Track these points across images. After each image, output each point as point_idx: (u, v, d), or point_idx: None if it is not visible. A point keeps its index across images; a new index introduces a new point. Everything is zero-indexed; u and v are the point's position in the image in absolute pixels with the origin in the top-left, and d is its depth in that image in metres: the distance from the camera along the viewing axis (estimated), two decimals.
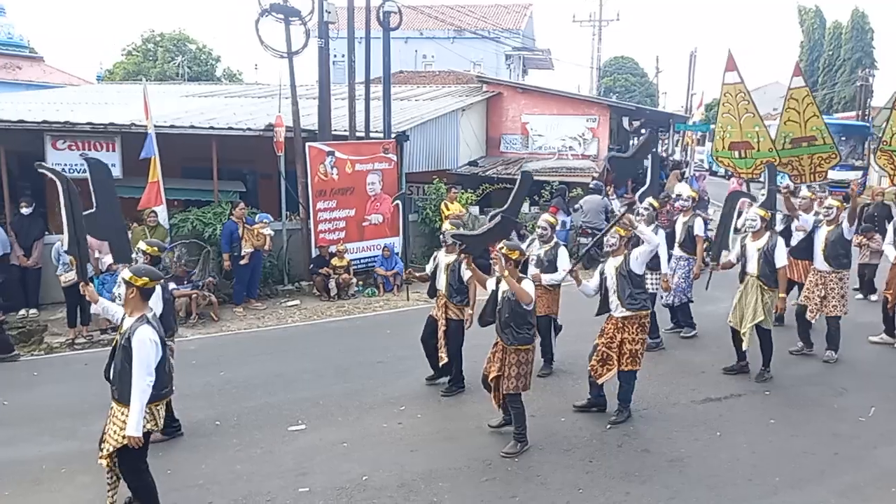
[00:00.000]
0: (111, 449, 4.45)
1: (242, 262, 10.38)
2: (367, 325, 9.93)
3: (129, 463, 4.51)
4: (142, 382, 4.34)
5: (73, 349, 8.86)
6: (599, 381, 6.16)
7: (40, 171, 5.48)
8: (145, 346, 4.36)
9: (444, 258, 6.88)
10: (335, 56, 13.28)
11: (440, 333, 6.82)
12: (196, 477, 5.34)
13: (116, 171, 10.19)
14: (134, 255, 5.97)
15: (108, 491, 4.64)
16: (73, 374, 7.93)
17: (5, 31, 33.67)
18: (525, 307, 5.53)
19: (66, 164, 9.58)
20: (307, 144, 11.49)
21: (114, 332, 5.79)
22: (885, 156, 9.34)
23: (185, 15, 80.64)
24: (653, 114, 24.05)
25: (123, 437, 4.36)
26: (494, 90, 18.38)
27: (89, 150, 9.93)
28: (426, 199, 13.71)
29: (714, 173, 25.01)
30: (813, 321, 7.92)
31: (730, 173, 12.23)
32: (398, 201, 8.69)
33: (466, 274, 6.58)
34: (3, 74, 30.61)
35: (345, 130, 12.49)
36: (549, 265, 7.11)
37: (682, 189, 9.14)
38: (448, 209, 12.88)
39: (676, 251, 8.40)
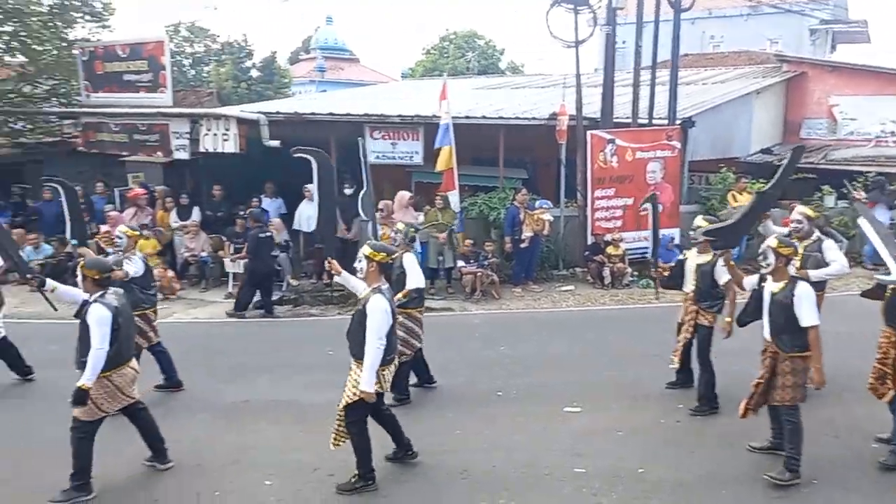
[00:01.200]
0: (345, 402, 4.94)
1: (522, 245, 10.93)
2: (641, 316, 9.76)
3: (353, 416, 4.96)
4: (372, 346, 4.77)
5: None
6: (883, 401, 5.31)
7: (296, 155, 6.34)
8: (377, 314, 4.78)
9: (694, 258, 6.31)
10: (617, 42, 13.17)
11: (683, 337, 6.42)
12: (481, 441, 5.81)
13: (419, 159, 11.47)
14: (393, 235, 6.82)
15: (334, 433, 5.07)
16: None
17: (332, 38, 39.78)
18: None
19: (379, 152, 11.10)
20: (588, 132, 11.59)
21: None
22: None
23: (475, 13, 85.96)
24: None
25: (355, 392, 4.85)
26: (796, 69, 16.43)
27: (398, 139, 11.33)
28: (710, 189, 12.89)
29: None
30: None
31: None
32: (648, 204, 8.20)
33: (724, 277, 5.96)
34: (329, 75, 36.31)
35: (627, 117, 12.30)
36: (816, 263, 6.22)
37: None
38: (736, 200, 11.95)
39: None
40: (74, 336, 4.96)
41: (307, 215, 11.14)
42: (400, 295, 6.20)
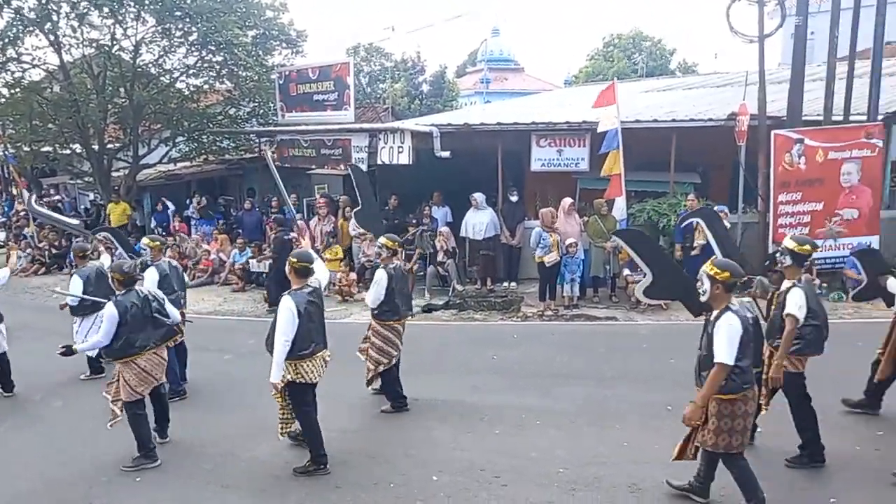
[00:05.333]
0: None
1: (693, 253, 10.40)
2: (831, 332, 8.84)
3: (290, 400, 5.67)
4: (277, 342, 5.32)
5: (542, 320, 10.26)
6: None
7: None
8: (281, 313, 5.31)
9: (784, 283, 5.42)
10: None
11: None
12: (650, 455, 5.61)
13: (584, 165, 11.37)
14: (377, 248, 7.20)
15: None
16: (543, 341, 9.22)
17: (499, 49, 40.66)
18: None
19: (545, 159, 11.19)
20: (773, 132, 10.76)
21: None
22: None
23: (643, 14, 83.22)
24: None
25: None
26: None
27: (564, 146, 11.32)
28: None
29: None
30: None
31: None
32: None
33: (788, 308, 5.16)
34: (494, 85, 37.17)
35: (818, 115, 11.23)
36: None
37: None
38: None
39: None
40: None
41: (473, 223, 11.48)
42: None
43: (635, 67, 36.30)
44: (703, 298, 4.68)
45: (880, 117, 10.93)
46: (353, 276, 12.16)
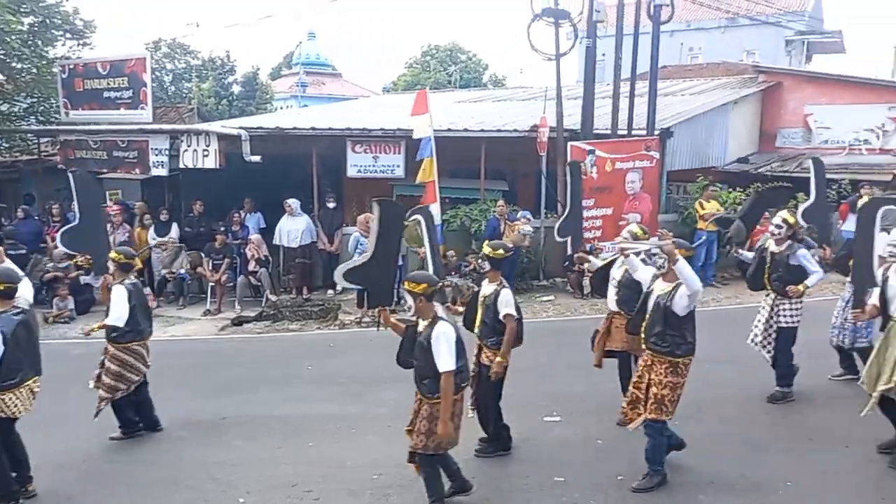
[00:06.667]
0: None
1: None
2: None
3: None
4: None
5: (360, 326, 10.18)
6: (630, 428, 5.23)
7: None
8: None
9: (484, 287, 5.64)
10: (597, 55, 13.44)
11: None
12: (466, 450, 5.77)
13: (400, 172, 11.50)
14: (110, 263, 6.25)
15: None
16: (360, 347, 9.14)
17: (314, 53, 39.99)
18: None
19: (361, 166, 11.10)
20: (568, 144, 11.68)
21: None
22: None
23: (459, 27, 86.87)
24: None
25: None
26: (772, 80, 16.70)
27: (380, 153, 11.34)
28: (688, 198, 13.03)
29: None
30: None
31: None
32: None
33: (505, 308, 5.39)
34: (311, 90, 36.49)
35: (607, 129, 12.42)
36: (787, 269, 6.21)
37: None
38: (703, 208, 12.06)
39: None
40: None
41: (287, 230, 11.11)
42: (95, 326, 6.05)
43: (450, 79, 37.70)
44: (409, 314, 4.78)
45: (656, 132, 12.35)
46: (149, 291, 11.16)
